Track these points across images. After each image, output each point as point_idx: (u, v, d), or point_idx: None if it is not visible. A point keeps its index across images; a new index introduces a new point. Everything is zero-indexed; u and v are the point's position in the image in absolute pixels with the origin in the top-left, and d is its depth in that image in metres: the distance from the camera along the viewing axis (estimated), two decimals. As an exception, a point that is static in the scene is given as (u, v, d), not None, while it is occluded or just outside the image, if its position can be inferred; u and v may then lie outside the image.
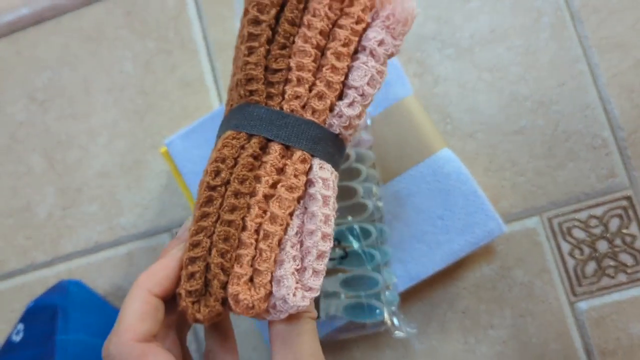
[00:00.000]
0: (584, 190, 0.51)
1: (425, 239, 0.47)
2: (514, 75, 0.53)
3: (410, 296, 0.51)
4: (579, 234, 0.51)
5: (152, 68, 0.59)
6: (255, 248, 0.30)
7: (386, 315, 0.44)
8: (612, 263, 0.50)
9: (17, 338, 0.48)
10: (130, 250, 0.57)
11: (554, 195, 0.51)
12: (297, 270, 0.30)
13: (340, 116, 0.32)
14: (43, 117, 0.60)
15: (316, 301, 0.38)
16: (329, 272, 0.45)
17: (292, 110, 0.32)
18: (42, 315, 0.48)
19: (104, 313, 0.51)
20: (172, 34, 0.59)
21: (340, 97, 0.33)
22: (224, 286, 0.29)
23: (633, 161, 0.50)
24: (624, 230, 0.50)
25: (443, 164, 0.48)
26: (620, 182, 0.50)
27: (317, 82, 0.32)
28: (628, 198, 0.50)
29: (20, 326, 0.48)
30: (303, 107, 0.32)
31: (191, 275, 0.30)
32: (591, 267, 0.50)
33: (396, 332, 0.44)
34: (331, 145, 0.32)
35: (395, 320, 0.44)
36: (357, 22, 0.32)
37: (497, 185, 0.52)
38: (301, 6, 0.32)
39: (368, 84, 0.32)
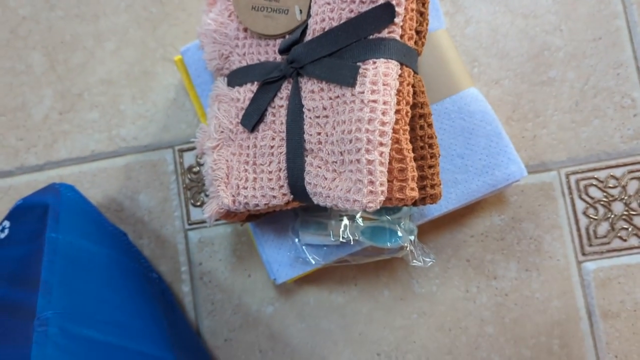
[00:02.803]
0: (606, 150, 0.49)
1: (442, 177, 0.46)
2: (549, 24, 0.51)
3: (416, 237, 0.49)
4: (595, 193, 0.49)
5: (170, -25, 0.55)
6: None
7: (407, 241, 0.42)
8: (625, 226, 0.49)
9: (1, 235, 0.45)
10: (128, 162, 0.54)
11: (575, 151, 0.50)
12: None
13: None
14: (48, 14, 0.56)
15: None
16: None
17: None
18: (31, 213, 0.45)
19: (95, 221, 0.49)
20: (196, -59, 0.55)
21: None
22: None
23: (661, 124, 0.49)
24: (642, 194, 0.49)
25: (470, 101, 0.46)
26: (644, 144, 0.49)
27: None
28: (650, 161, 0.49)
29: (6, 223, 0.45)
30: None
31: None
32: (604, 227, 0.49)
33: (414, 260, 0.43)
34: None
35: (414, 248, 0.43)
36: None
37: (517, 135, 0.50)
38: None
39: None
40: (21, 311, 0.39)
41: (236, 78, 0.42)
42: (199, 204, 0.53)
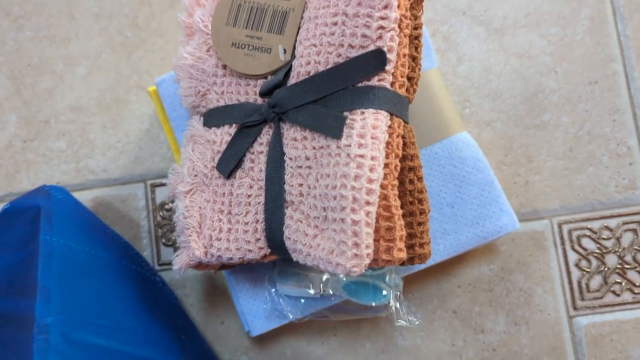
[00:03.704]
0: (601, 199, 0.47)
1: (430, 227, 0.43)
2: (544, 66, 0.49)
3: (401, 287, 0.46)
4: (588, 244, 0.47)
5: (148, 0, 0.52)
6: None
7: (391, 300, 0.39)
8: (619, 280, 0.47)
9: None
10: (96, 196, 0.51)
11: (568, 200, 0.48)
12: None
13: None
14: (16, 34, 0.53)
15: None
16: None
17: None
18: (20, 217, 0.41)
19: (91, 223, 0.45)
20: (177, -36, 0.52)
21: None
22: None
23: (657, 175, 0.47)
24: (637, 247, 0.47)
25: (461, 147, 0.43)
26: (640, 195, 0.47)
27: None
28: (646, 213, 0.47)
29: None
30: None
31: None
32: (597, 281, 0.47)
33: (399, 320, 0.40)
34: None
35: (399, 306, 0.40)
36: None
37: (509, 181, 0.48)
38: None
39: None
40: (18, 321, 0.36)
41: (213, 118, 0.39)
42: (170, 243, 0.50)
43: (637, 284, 0.46)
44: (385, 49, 0.33)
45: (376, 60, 0.33)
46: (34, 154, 0.52)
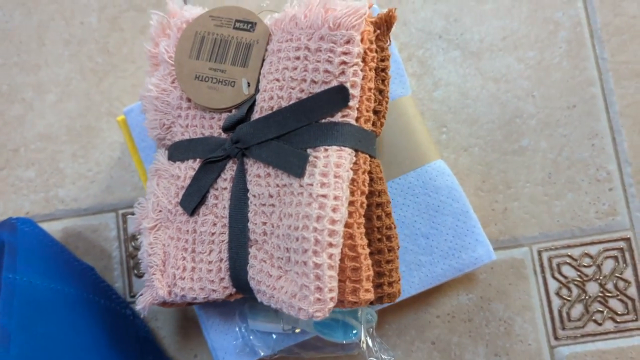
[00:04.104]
0: (581, 226, 0.46)
1: (405, 258, 0.42)
2: (522, 90, 0.48)
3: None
4: (569, 272, 0.46)
5: (119, 25, 0.51)
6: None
7: (363, 337, 0.38)
8: (600, 308, 0.46)
9: None
10: (66, 226, 0.49)
11: (548, 227, 0.47)
12: None
13: None
14: (-15, 62, 0.52)
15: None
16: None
17: None
18: None
19: (58, 257, 0.44)
20: (148, -11, 0.51)
21: None
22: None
23: (637, 200, 0.46)
24: (618, 274, 0.46)
25: (435, 175, 0.42)
26: (620, 221, 0.46)
27: None
28: (627, 240, 0.46)
29: None
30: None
31: None
32: (578, 310, 0.46)
33: (371, 358, 0.39)
34: None
35: (371, 344, 0.39)
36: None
37: (487, 208, 0.47)
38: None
39: None
40: None
41: (177, 152, 0.38)
42: (142, 274, 0.49)
43: (619, 312, 0.45)
44: (348, 84, 0.32)
45: (339, 96, 0.32)
46: (3, 183, 0.50)
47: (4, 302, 0.37)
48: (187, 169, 0.37)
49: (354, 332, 0.38)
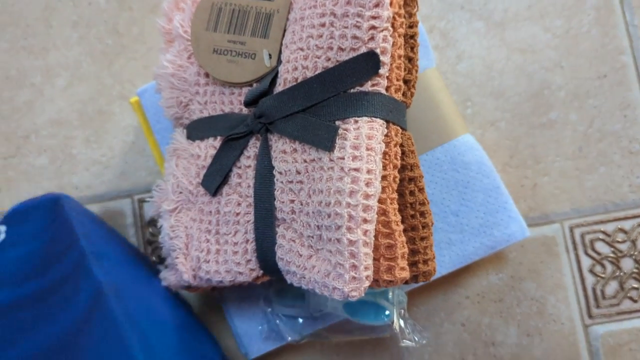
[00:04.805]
0: (614, 200, 0.45)
1: (434, 237, 0.40)
2: (549, 60, 0.46)
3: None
4: (602, 248, 0.45)
5: (128, 4, 0.50)
6: None
7: (395, 318, 0.36)
8: (636, 285, 0.44)
9: None
10: (81, 214, 0.48)
11: (579, 202, 0.45)
12: None
13: None
14: (-9, 47, 0.50)
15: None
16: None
17: None
18: (36, 211, 0.40)
19: (104, 228, 0.44)
20: (157, -34, 0.50)
21: None
22: None
23: (673, 172, 0.44)
24: (654, 250, 0.44)
25: (464, 150, 0.41)
26: (656, 194, 0.44)
27: None
28: (663, 213, 0.44)
29: (1, 227, 0.40)
30: None
31: None
32: (612, 287, 0.44)
33: (404, 340, 0.37)
34: None
35: (404, 325, 0.37)
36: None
37: (516, 184, 0.45)
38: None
39: None
40: (70, 277, 0.37)
41: (196, 131, 0.36)
42: (161, 260, 0.47)
43: (655, 289, 0.44)
44: (378, 50, 0.30)
45: (369, 63, 0.30)
46: (15, 171, 0.49)
47: (79, 231, 0.38)
48: (208, 148, 0.36)
49: (386, 313, 0.36)
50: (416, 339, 0.37)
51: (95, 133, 0.49)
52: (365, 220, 0.29)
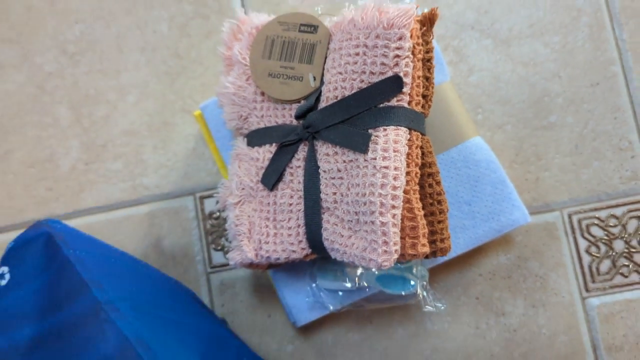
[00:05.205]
0: (606, 190, 0.52)
1: (450, 223, 0.48)
2: (548, 72, 0.54)
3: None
4: (597, 231, 0.52)
5: (187, 31, 0.59)
6: None
7: (419, 289, 0.45)
8: (626, 263, 0.51)
9: (1, 282, 0.41)
10: (151, 210, 0.57)
11: (576, 192, 0.52)
12: None
13: None
14: (73, 70, 0.60)
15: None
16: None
17: None
18: (31, 248, 0.41)
19: (95, 244, 0.45)
20: (211, -2, 0.59)
21: None
22: None
23: (657, 166, 0.52)
24: (642, 232, 0.51)
25: (474, 151, 0.48)
26: (642, 185, 0.52)
27: None
28: (648, 201, 0.51)
29: (4, 269, 0.41)
30: None
31: None
32: (606, 265, 0.52)
33: (426, 306, 0.45)
34: None
35: (426, 295, 0.45)
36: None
37: (521, 178, 0.53)
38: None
39: None
40: (87, 315, 0.37)
41: (255, 139, 0.45)
42: (219, 248, 0.56)
43: (643, 266, 0.51)
44: (401, 74, 0.38)
45: (394, 84, 0.38)
46: (95, 174, 0.58)
47: (79, 266, 0.38)
48: (265, 152, 0.44)
49: (412, 284, 0.45)
50: (437, 305, 0.45)
51: (162, 141, 0.58)
52: (393, 207, 0.37)
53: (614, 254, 0.52)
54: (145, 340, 0.37)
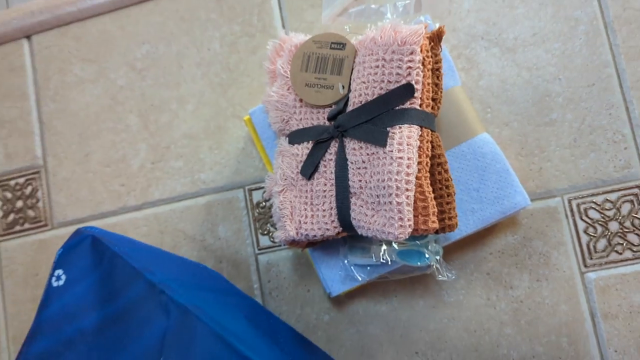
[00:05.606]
0: (602, 178, 0.59)
1: (461, 207, 0.56)
2: (550, 75, 0.61)
3: (443, 256, 0.60)
4: (594, 214, 0.59)
5: (236, 48, 0.69)
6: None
7: (434, 262, 0.53)
8: (620, 241, 0.58)
9: (59, 283, 0.44)
10: (208, 201, 0.67)
11: (575, 180, 0.60)
12: None
13: None
14: (140, 84, 0.71)
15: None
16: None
17: None
18: (79, 250, 0.44)
19: (133, 242, 0.48)
20: (256, 20, 0.69)
21: None
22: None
23: (647, 155, 0.58)
24: (634, 214, 0.58)
25: (482, 145, 0.57)
26: (634, 172, 0.58)
27: None
28: (640, 187, 0.58)
29: (59, 272, 0.44)
30: None
31: None
32: (602, 243, 0.59)
33: (439, 276, 0.54)
34: None
35: (440, 267, 0.54)
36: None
37: (526, 169, 0.61)
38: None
39: None
40: (141, 301, 0.40)
41: (295, 138, 0.54)
42: (265, 232, 0.66)
43: (635, 244, 0.58)
44: (413, 82, 0.47)
45: (407, 90, 0.47)
46: (161, 172, 0.69)
47: (130, 258, 0.42)
48: (303, 149, 0.54)
49: (427, 257, 0.53)
50: (448, 275, 0.54)
51: (216, 142, 0.68)
52: (407, 189, 0.46)
53: (609, 233, 0.59)
54: (201, 307, 0.41)
